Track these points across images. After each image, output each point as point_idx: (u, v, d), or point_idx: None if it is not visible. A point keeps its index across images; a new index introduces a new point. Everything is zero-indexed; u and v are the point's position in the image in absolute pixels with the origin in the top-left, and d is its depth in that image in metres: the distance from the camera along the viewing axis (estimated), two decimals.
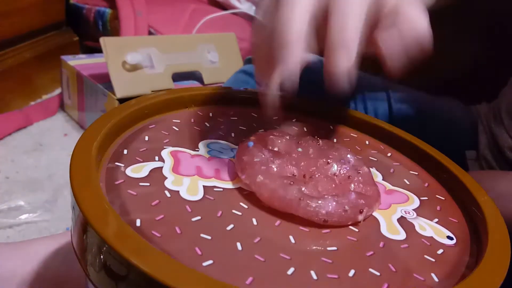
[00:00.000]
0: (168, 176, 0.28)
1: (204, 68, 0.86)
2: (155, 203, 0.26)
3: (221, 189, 0.28)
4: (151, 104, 0.35)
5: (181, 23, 1.04)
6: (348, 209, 0.27)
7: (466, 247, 0.28)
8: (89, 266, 0.23)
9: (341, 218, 0.26)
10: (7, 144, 0.78)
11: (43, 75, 0.94)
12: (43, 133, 0.83)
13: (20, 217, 0.61)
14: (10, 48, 0.87)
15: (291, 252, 0.24)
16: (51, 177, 0.71)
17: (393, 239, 0.27)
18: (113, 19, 1.00)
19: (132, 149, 0.31)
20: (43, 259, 0.44)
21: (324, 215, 0.26)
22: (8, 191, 0.66)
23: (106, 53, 0.72)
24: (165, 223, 0.24)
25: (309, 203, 0.26)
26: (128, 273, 0.20)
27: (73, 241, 0.24)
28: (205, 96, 0.40)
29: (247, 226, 0.25)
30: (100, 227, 0.21)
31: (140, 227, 0.24)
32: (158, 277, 0.19)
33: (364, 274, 0.24)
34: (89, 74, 0.81)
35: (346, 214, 0.27)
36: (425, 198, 0.32)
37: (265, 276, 0.22)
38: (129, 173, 0.28)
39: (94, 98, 0.80)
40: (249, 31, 0.36)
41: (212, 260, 0.22)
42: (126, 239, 0.21)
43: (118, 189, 0.26)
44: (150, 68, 0.78)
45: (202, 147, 0.33)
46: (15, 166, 0.73)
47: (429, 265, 0.25)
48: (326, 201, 0.26)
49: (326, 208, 0.26)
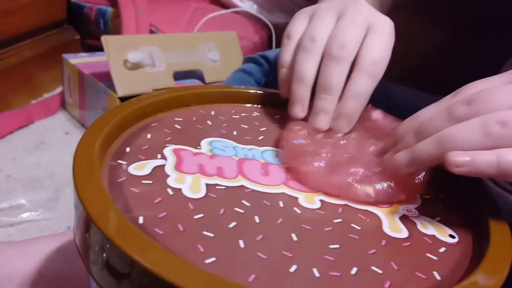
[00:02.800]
0: (171, 174, 0.28)
1: (206, 66, 0.85)
2: (157, 200, 0.26)
3: (223, 187, 0.28)
4: (153, 103, 0.35)
5: (182, 21, 1.04)
6: (393, 187, 0.30)
7: (468, 245, 0.28)
8: (92, 264, 0.23)
9: (388, 197, 0.30)
10: (9, 142, 0.78)
11: (44, 74, 0.94)
12: (45, 131, 0.83)
13: (21, 215, 0.61)
14: (11, 46, 0.87)
15: (293, 250, 0.24)
16: (52, 175, 0.71)
17: (395, 237, 0.27)
18: (115, 17, 1.00)
19: (134, 147, 0.31)
20: (44, 258, 0.44)
21: (373, 197, 0.29)
22: (9, 190, 0.66)
23: (108, 51, 0.72)
24: (168, 220, 0.24)
25: (358, 187, 0.29)
26: (131, 271, 0.20)
27: (76, 239, 0.24)
28: (207, 95, 0.40)
29: (249, 223, 0.25)
30: (103, 225, 0.21)
31: (143, 224, 0.24)
32: (161, 275, 0.19)
33: (367, 272, 0.24)
34: (90, 72, 0.81)
35: (392, 193, 0.30)
36: (427, 197, 0.32)
37: (268, 273, 0.22)
38: (131, 171, 0.28)
39: (95, 97, 0.80)
40: (250, 30, 0.38)
41: (214, 257, 0.22)
42: (129, 236, 0.21)
43: (120, 187, 0.26)
44: (151, 67, 0.78)
45: (204, 145, 0.33)
46: (17, 165, 0.73)
47: (431, 263, 0.25)
48: (374, 183, 0.30)
49: (374, 189, 0.29)
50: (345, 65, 0.34)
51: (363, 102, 0.35)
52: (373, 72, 0.34)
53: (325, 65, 0.35)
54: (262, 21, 1.08)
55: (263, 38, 1.08)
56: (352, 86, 0.34)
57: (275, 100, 0.42)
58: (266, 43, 1.09)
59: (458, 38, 0.62)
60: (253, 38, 1.05)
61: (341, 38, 0.34)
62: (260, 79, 0.56)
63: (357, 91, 0.34)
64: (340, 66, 0.34)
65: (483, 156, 0.25)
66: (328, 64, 0.34)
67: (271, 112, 0.41)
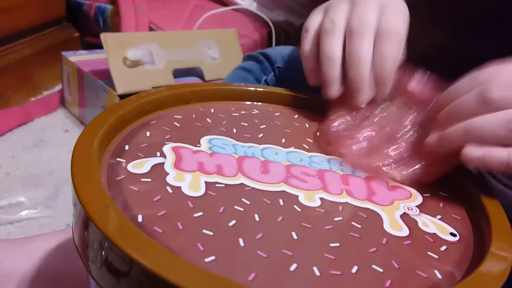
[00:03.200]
0: (170, 172, 0.28)
1: (205, 64, 0.85)
2: (156, 199, 0.25)
3: (223, 185, 0.28)
4: (152, 100, 0.35)
5: (182, 19, 1.03)
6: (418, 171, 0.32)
7: (469, 244, 0.28)
8: (90, 263, 0.23)
9: (414, 179, 0.32)
10: (8, 140, 0.78)
11: (44, 71, 0.94)
12: (44, 129, 0.83)
13: (20, 213, 0.61)
14: (11, 44, 0.87)
15: (293, 248, 0.24)
16: (52, 173, 0.71)
17: (396, 235, 0.27)
18: (114, 15, 1.00)
19: (133, 144, 0.31)
20: (43, 256, 0.44)
21: (399, 179, 0.32)
22: (8, 187, 0.66)
23: (107, 49, 0.72)
24: (167, 219, 0.24)
25: (388, 169, 0.33)
26: (129, 269, 0.20)
27: (75, 237, 0.24)
28: (206, 92, 0.40)
29: (249, 222, 0.25)
30: (102, 223, 0.21)
31: (142, 223, 0.23)
32: (160, 273, 0.19)
33: (367, 270, 0.23)
34: (89, 70, 0.81)
35: (417, 176, 0.32)
36: (428, 195, 0.32)
37: (268, 272, 0.22)
38: (130, 168, 0.28)
39: (95, 94, 0.80)
40: (250, 27, 0.39)
41: (214, 256, 0.22)
42: (128, 235, 0.21)
43: (119, 185, 0.26)
44: (151, 64, 0.77)
45: (204, 143, 0.32)
46: (16, 162, 0.73)
47: (432, 261, 0.25)
48: (402, 166, 0.33)
49: (402, 171, 0.32)
50: (368, 38, 0.35)
51: (392, 64, 0.35)
52: (395, 37, 0.35)
53: (350, 43, 0.36)
54: (262, 18, 1.08)
55: (263, 36, 1.08)
56: (378, 51, 0.35)
57: (274, 97, 0.42)
58: (266, 40, 1.08)
59: (458, 38, 0.62)
60: (253, 35, 1.05)
61: (359, 16, 0.36)
62: (260, 77, 0.56)
63: (385, 54, 0.35)
64: (364, 40, 0.35)
65: (496, 152, 0.27)
66: (352, 42, 0.35)
67: (271, 110, 0.40)
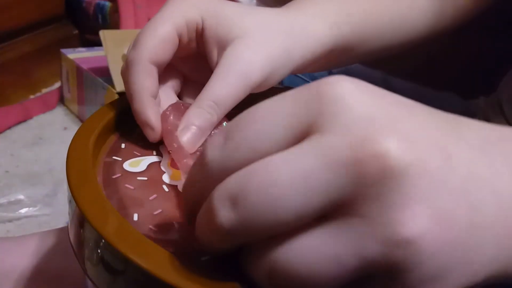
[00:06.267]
0: (166, 171, 0.28)
1: None
2: (152, 197, 0.25)
3: None
4: None
5: None
6: None
7: None
8: (86, 262, 0.22)
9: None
10: (7, 138, 0.78)
11: (43, 69, 0.94)
12: (43, 126, 0.83)
13: (20, 211, 0.61)
14: (9, 41, 0.87)
15: None
16: (51, 171, 0.71)
17: None
18: (113, 12, 0.99)
19: (129, 143, 0.31)
20: (43, 254, 0.44)
21: None
22: (7, 185, 0.66)
23: (106, 46, 0.72)
24: (163, 217, 0.24)
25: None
26: (125, 269, 0.20)
27: (70, 236, 0.24)
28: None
29: None
30: (97, 222, 0.21)
31: (138, 221, 0.23)
32: (156, 273, 0.19)
33: None
34: (89, 67, 0.80)
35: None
36: None
37: None
38: (126, 167, 0.28)
39: (93, 92, 0.80)
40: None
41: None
42: (124, 234, 0.21)
43: (115, 183, 0.26)
44: None
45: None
46: (15, 160, 0.72)
47: None
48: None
49: None
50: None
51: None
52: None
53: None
54: None
55: None
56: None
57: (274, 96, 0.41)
58: None
59: (461, 38, 0.62)
60: None
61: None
62: None
63: None
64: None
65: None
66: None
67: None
